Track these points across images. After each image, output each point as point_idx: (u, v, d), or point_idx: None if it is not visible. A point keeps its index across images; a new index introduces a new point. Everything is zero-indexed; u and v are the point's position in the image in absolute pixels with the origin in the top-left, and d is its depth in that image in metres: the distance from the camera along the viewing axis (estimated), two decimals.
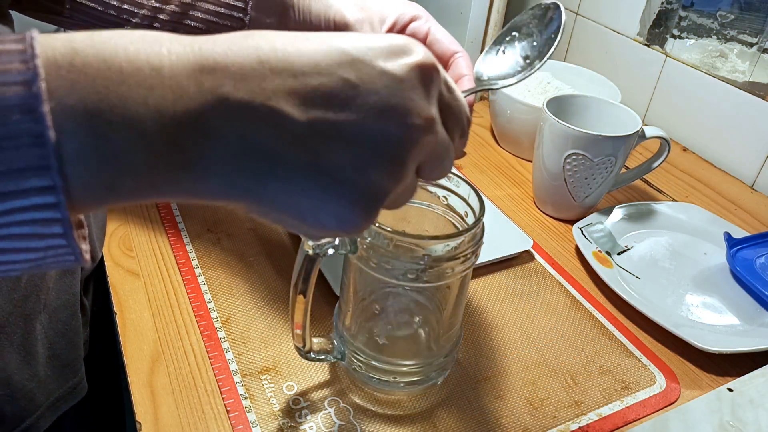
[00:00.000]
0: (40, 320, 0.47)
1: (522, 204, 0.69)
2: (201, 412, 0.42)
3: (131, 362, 0.45)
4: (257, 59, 0.23)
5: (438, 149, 0.27)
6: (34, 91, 0.19)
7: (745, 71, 0.75)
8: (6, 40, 0.20)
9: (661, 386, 0.48)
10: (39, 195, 0.20)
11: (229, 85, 0.23)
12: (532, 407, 0.45)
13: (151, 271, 0.54)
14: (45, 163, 0.20)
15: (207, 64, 0.23)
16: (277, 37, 0.24)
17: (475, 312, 0.53)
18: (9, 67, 0.20)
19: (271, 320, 0.50)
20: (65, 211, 0.21)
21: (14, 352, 0.44)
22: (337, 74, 0.24)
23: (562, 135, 0.59)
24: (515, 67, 0.37)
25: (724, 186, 0.76)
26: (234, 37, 0.24)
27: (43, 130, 0.19)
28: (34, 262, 0.22)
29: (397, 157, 0.25)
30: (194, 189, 0.24)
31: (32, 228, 0.21)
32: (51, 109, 0.20)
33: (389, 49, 0.25)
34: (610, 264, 0.58)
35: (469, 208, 0.41)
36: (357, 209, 0.25)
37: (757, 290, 0.55)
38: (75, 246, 0.22)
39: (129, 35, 0.22)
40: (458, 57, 0.41)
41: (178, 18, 0.44)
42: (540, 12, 0.38)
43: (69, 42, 0.21)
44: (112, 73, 0.21)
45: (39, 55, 0.20)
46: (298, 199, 0.24)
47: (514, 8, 1.08)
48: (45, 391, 0.47)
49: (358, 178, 0.24)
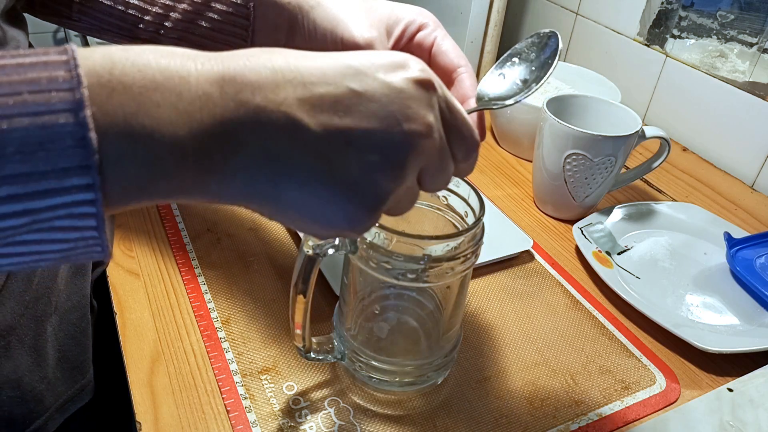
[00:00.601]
0: (50, 322, 0.47)
1: (522, 204, 0.69)
2: (201, 412, 0.42)
3: (131, 362, 0.45)
4: (271, 69, 0.26)
5: (437, 157, 0.29)
6: (77, 96, 0.21)
7: (745, 71, 0.75)
8: (50, 51, 0.22)
9: (661, 386, 0.48)
10: (79, 192, 0.22)
11: (248, 92, 0.25)
12: (532, 407, 0.45)
13: (151, 271, 0.54)
14: (86, 163, 0.21)
15: (228, 74, 0.25)
16: (290, 53, 0.27)
17: (475, 312, 0.53)
18: (55, 75, 0.21)
19: (271, 320, 0.50)
20: (100, 207, 0.22)
21: (25, 354, 0.44)
22: (343, 84, 0.26)
23: (562, 135, 0.59)
24: (514, 89, 0.39)
25: (724, 186, 0.76)
26: (253, 51, 0.27)
27: (85, 133, 0.21)
28: (65, 253, 0.24)
29: (399, 159, 0.27)
30: (219, 192, 0.26)
31: (70, 221, 0.22)
32: (92, 114, 0.21)
33: (390, 64, 0.28)
34: (610, 264, 0.58)
35: (469, 208, 0.41)
36: (364, 210, 0.27)
37: (757, 290, 0.55)
38: (104, 239, 0.24)
39: (161, 49, 0.24)
40: (462, 73, 0.41)
41: (184, 26, 0.44)
42: (538, 39, 0.40)
43: (108, 54, 0.23)
44: (147, 82, 0.23)
45: (81, 65, 0.22)
46: (311, 201, 0.26)
47: (514, 8, 1.08)
48: (54, 392, 0.47)
49: (364, 181, 0.26)
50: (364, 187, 0.27)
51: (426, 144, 0.28)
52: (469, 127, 0.30)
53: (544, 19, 1.04)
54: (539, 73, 0.38)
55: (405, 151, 0.27)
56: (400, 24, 0.41)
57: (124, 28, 0.45)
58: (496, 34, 0.92)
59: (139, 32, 0.45)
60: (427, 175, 0.30)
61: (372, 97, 0.26)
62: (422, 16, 0.42)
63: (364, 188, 0.27)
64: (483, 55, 0.93)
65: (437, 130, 0.28)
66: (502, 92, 0.39)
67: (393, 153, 0.27)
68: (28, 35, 0.45)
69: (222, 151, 0.25)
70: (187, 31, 0.44)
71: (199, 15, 0.44)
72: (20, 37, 0.43)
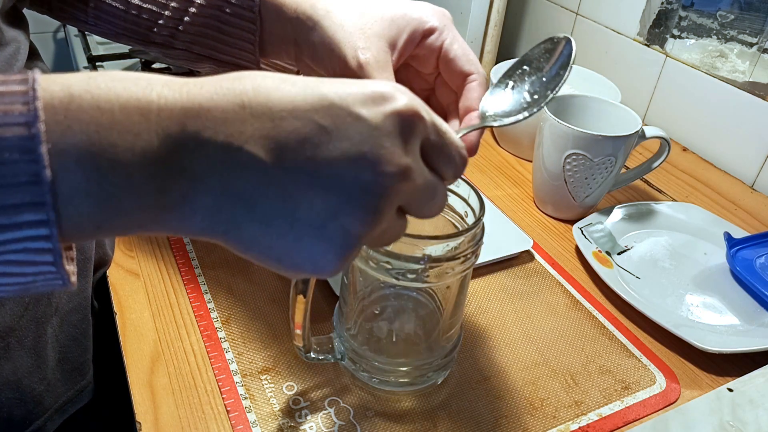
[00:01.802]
0: (51, 324, 0.47)
1: (522, 204, 0.69)
2: (201, 412, 0.42)
3: (131, 362, 0.45)
4: (240, 104, 0.24)
5: (420, 193, 0.28)
6: (33, 132, 0.21)
7: (745, 71, 0.75)
8: (10, 80, 0.21)
9: (661, 386, 0.48)
10: (33, 228, 0.21)
11: (211, 130, 0.24)
12: (532, 407, 0.45)
13: (151, 271, 0.54)
14: (40, 199, 0.21)
15: (192, 108, 0.24)
16: (266, 80, 0.25)
17: (475, 312, 0.53)
18: (11, 108, 0.21)
19: (271, 320, 0.50)
20: (56, 242, 0.22)
21: (25, 356, 0.44)
22: (312, 119, 0.25)
23: (562, 135, 0.59)
24: (522, 104, 0.38)
25: (724, 186, 0.76)
26: (224, 79, 0.25)
27: (39, 170, 0.21)
28: (24, 286, 0.24)
29: (370, 204, 0.25)
30: (178, 227, 0.25)
31: (25, 256, 0.22)
32: (48, 150, 0.21)
33: (371, 97, 0.26)
34: (610, 264, 0.58)
35: (469, 208, 0.41)
36: (330, 255, 0.26)
37: (757, 290, 0.55)
38: (63, 273, 0.23)
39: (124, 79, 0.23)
40: (472, 82, 0.39)
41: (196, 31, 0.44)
42: (551, 46, 0.39)
43: (67, 87, 0.22)
44: (104, 119, 0.22)
45: (40, 98, 0.21)
46: (275, 242, 0.25)
47: (514, 8, 1.08)
48: (54, 394, 0.47)
49: (330, 224, 0.25)
50: (330, 231, 0.25)
51: (402, 186, 0.26)
52: (458, 148, 0.29)
53: (544, 19, 1.04)
54: (549, 85, 0.37)
55: (375, 196, 0.25)
56: (404, 33, 0.39)
57: (139, 32, 0.45)
58: (496, 34, 0.92)
59: (153, 36, 0.44)
60: (415, 208, 0.29)
61: (343, 134, 0.25)
62: (431, 18, 0.40)
63: (330, 232, 0.25)
64: (483, 55, 0.93)
65: (416, 169, 0.27)
66: (506, 108, 0.38)
67: (362, 197, 0.25)
68: (29, 35, 0.45)
69: (181, 189, 0.24)
70: (199, 35, 0.44)
71: (212, 19, 0.43)
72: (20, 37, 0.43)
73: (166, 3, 0.43)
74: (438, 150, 0.28)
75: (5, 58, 0.40)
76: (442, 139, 0.28)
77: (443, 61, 0.40)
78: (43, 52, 1.16)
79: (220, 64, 0.45)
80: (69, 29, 1.18)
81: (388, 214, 0.27)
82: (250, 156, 0.24)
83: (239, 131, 0.24)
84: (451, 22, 0.41)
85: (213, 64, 0.46)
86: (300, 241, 0.25)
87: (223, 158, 0.24)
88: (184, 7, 0.43)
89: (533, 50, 0.39)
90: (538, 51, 0.39)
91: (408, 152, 0.26)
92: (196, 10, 0.43)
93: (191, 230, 0.25)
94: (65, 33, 1.20)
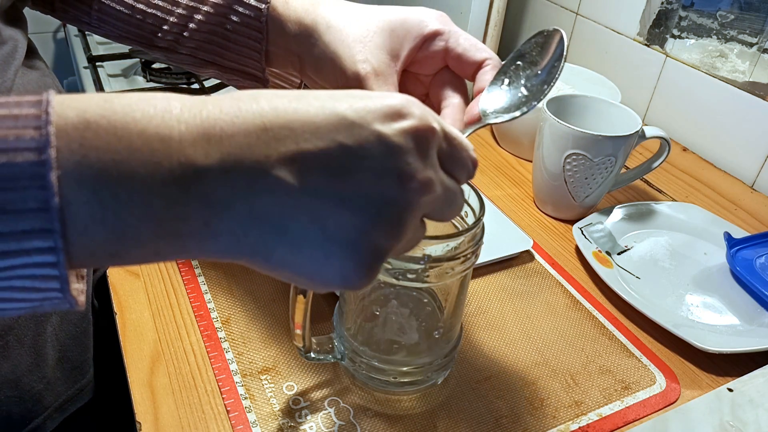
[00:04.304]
0: (51, 322, 0.47)
1: (522, 204, 0.69)
2: (201, 412, 0.42)
3: (131, 362, 0.45)
4: (262, 128, 0.24)
5: (442, 201, 0.28)
6: (43, 158, 0.20)
7: (745, 71, 0.75)
8: (24, 102, 0.21)
9: (661, 386, 0.48)
10: (40, 254, 0.21)
11: (235, 156, 0.23)
12: (532, 407, 0.45)
13: (151, 271, 0.54)
14: (48, 226, 0.21)
15: (214, 133, 0.23)
16: (280, 100, 0.25)
17: (475, 312, 0.53)
18: (23, 133, 0.20)
19: (271, 320, 0.50)
20: (63, 270, 0.22)
21: (24, 354, 0.44)
22: (335, 140, 0.25)
23: (562, 135, 0.59)
24: (520, 98, 0.38)
25: (724, 186, 0.76)
26: (241, 100, 0.25)
27: (48, 197, 0.20)
28: (30, 308, 0.23)
29: (396, 218, 0.26)
30: (199, 252, 0.25)
31: (32, 282, 0.22)
32: (58, 177, 0.20)
33: (387, 113, 0.26)
34: (610, 264, 0.58)
35: (469, 208, 0.41)
36: (361, 270, 0.26)
37: (757, 290, 0.55)
38: (70, 298, 0.23)
39: (141, 103, 0.23)
40: (486, 66, 0.39)
41: (201, 37, 0.44)
42: (542, 39, 0.39)
43: (82, 112, 0.21)
44: (122, 147, 0.21)
45: (52, 122, 0.21)
46: (304, 261, 0.25)
47: (514, 8, 1.08)
48: (53, 392, 0.47)
49: (360, 241, 0.25)
50: (360, 247, 0.25)
51: (426, 198, 0.27)
52: (468, 151, 0.30)
53: (544, 19, 1.04)
54: (545, 78, 0.37)
55: (402, 210, 0.26)
56: (405, 41, 0.40)
57: (143, 36, 0.45)
58: (496, 34, 0.92)
59: (157, 41, 0.44)
60: (437, 214, 0.29)
61: (367, 153, 0.25)
62: (430, 22, 0.40)
63: (360, 248, 0.25)
64: None
65: (437, 179, 0.27)
66: (505, 104, 0.38)
67: (389, 213, 0.26)
68: (28, 35, 0.45)
69: (203, 216, 0.23)
70: (205, 41, 0.44)
71: (218, 26, 0.43)
72: (18, 37, 0.42)
73: (172, 9, 0.43)
74: (450, 156, 0.29)
75: (2, 57, 0.40)
76: (453, 145, 0.29)
77: (452, 58, 0.41)
78: (43, 51, 1.16)
79: (224, 70, 0.45)
80: (69, 29, 1.18)
81: (413, 226, 0.27)
82: (277, 180, 0.24)
83: (265, 155, 0.24)
84: (450, 22, 0.41)
85: (217, 69, 0.46)
86: (330, 257, 0.25)
87: (249, 184, 0.24)
88: (190, 13, 0.43)
89: (524, 45, 0.39)
90: (530, 45, 0.39)
91: (427, 165, 0.27)
92: (202, 17, 0.43)
93: (212, 254, 0.25)
94: (65, 33, 1.20)
